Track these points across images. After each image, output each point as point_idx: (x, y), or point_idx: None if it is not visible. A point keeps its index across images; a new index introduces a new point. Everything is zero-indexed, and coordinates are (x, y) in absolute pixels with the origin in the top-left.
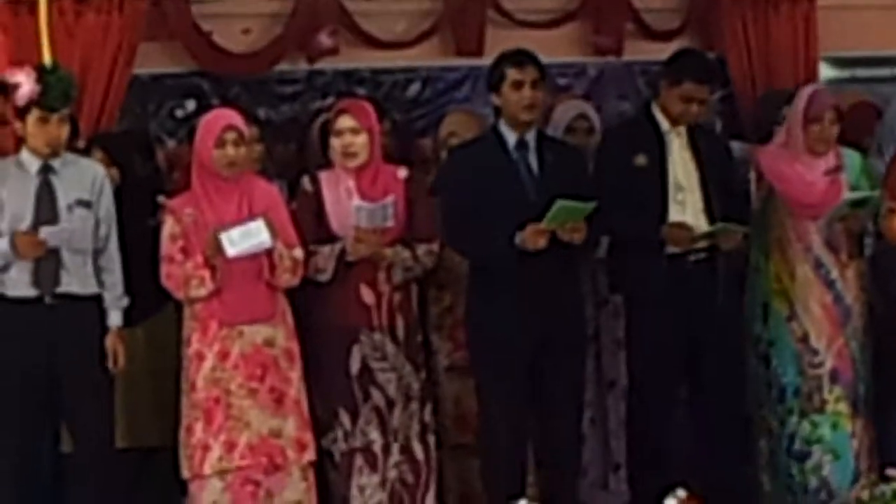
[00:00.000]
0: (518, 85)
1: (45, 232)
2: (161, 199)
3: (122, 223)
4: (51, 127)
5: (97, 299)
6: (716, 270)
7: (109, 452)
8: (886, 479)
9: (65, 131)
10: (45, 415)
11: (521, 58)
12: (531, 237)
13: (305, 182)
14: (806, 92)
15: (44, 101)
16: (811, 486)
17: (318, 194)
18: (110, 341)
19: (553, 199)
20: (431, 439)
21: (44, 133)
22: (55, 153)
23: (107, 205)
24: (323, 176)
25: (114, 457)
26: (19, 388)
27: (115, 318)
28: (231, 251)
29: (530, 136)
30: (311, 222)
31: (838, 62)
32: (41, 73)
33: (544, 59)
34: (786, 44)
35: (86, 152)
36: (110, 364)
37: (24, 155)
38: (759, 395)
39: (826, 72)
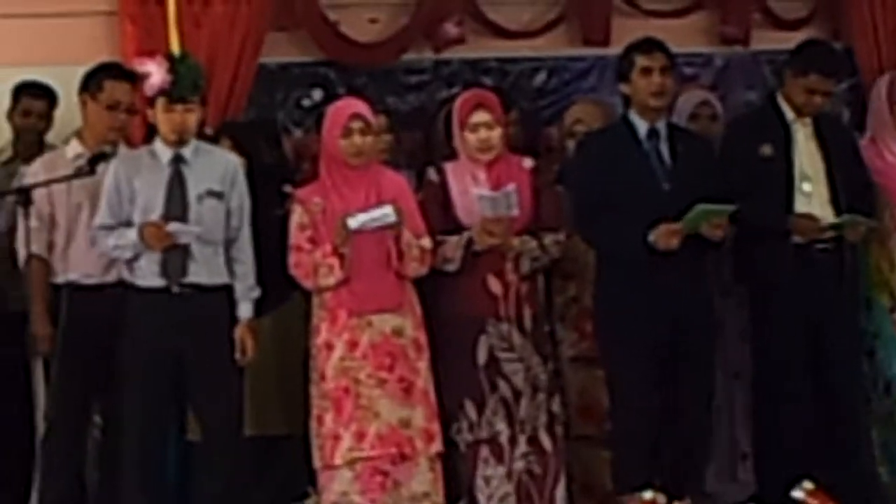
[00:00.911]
0: (647, 71)
1: (172, 227)
2: (288, 188)
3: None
4: (176, 115)
5: (226, 289)
6: (842, 261)
7: (236, 441)
8: None
9: (192, 119)
10: (173, 403)
11: (649, 45)
12: (665, 237)
13: (431, 173)
14: (885, 79)
15: (174, 91)
16: None
17: (444, 185)
18: (240, 332)
19: (689, 191)
20: (559, 430)
21: (170, 121)
22: (183, 141)
23: (239, 195)
24: (449, 167)
25: (241, 445)
26: (147, 376)
27: (245, 310)
28: (353, 223)
29: (661, 126)
30: (437, 212)
31: None
32: (172, 63)
33: (671, 47)
34: None
35: (214, 141)
36: (238, 355)
37: (157, 145)
38: (865, 388)
39: None
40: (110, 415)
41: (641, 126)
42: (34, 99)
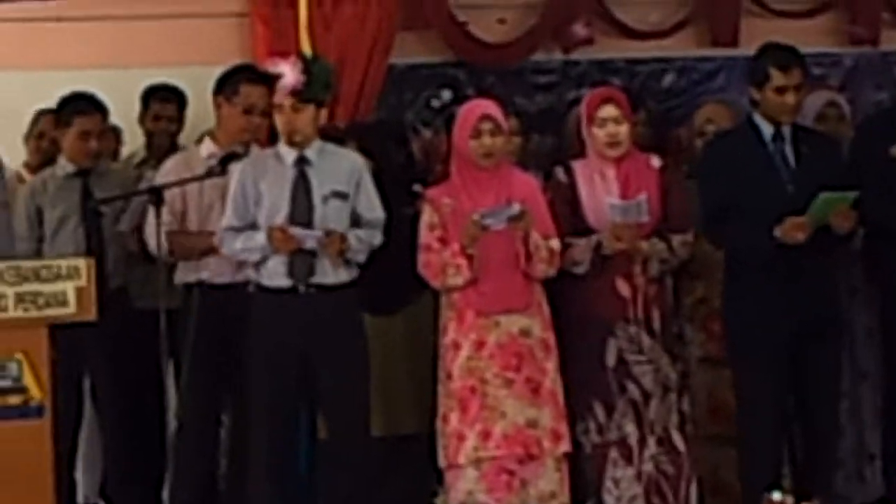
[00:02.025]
0: (782, 90)
1: (296, 231)
2: (417, 187)
3: None
4: (286, 114)
5: (352, 285)
6: None
7: (365, 440)
8: None
9: (307, 121)
10: (301, 402)
11: (787, 61)
12: (791, 231)
13: (559, 173)
14: None
15: (306, 92)
16: None
17: (572, 185)
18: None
19: (814, 193)
20: (690, 429)
21: (285, 121)
22: (293, 142)
23: (368, 196)
24: (577, 165)
25: (369, 444)
26: (274, 375)
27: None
28: (475, 215)
29: (786, 128)
30: (565, 212)
31: None
32: (305, 64)
33: (799, 48)
34: None
35: (341, 142)
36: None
37: (281, 147)
38: None
39: None
40: (239, 413)
41: (766, 128)
42: (164, 103)
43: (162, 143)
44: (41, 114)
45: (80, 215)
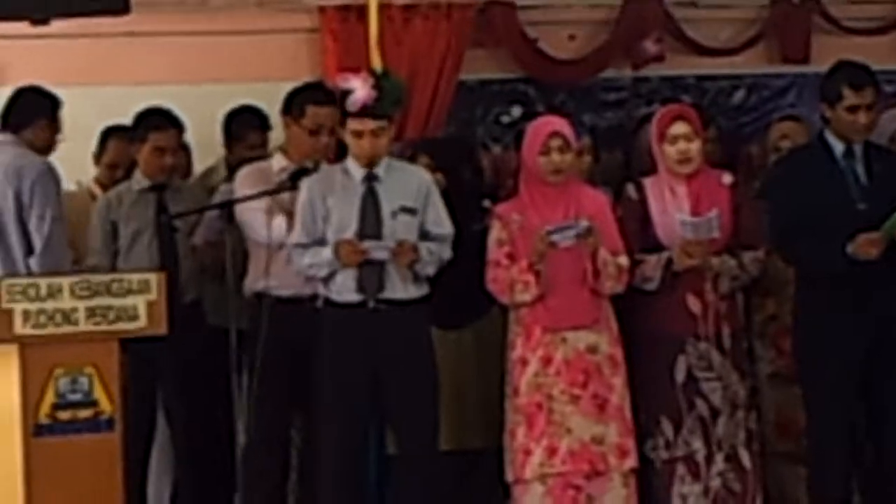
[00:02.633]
0: (854, 109)
1: (367, 244)
2: (487, 203)
3: None
4: (365, 141)
5: (422, 301)
6: None
7: (434, 454)
8: None
9: (381, 144)
10: (370, 417)
11: (859, 79)
12: (864, 247)
13: (630, 189)
14: None
15: (377, 108)
16: None
17: (643, 202)
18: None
19: (887, 211)
20: (757, 447)
21: (360, 146)
22: (374, 164)
23: (436, 211)
24: (648, 182)
25: (438, 459)
26: (344, 390)
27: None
28: (543, 231)
29: (858, 146)
30: (636, 229)
31: None
32: (376, 79)
33: (871, 65)
34: None
35: (411, 158)
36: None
37: (349, 163)
38: None
39: None
40: (309, 428)
41: (838, 146)
42: (250, 130)
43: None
44: (109, 132)
45: (154, 230)
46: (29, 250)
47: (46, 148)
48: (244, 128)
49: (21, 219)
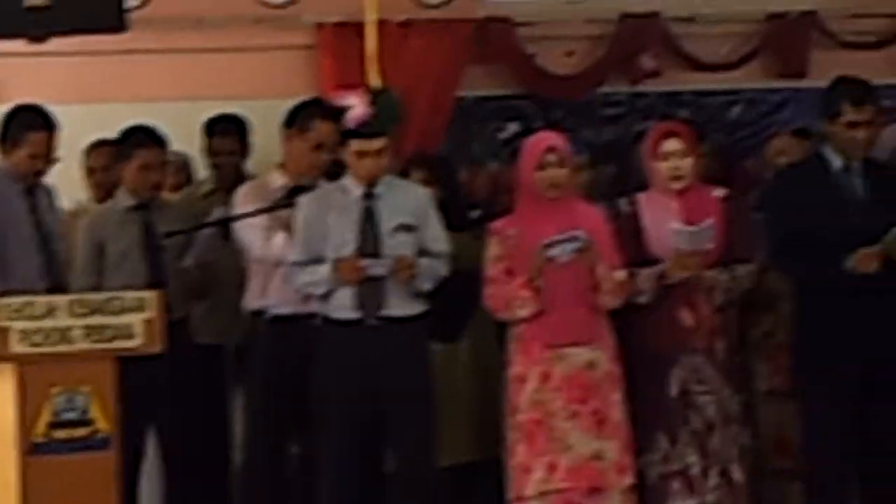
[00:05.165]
0: (853, 125)
1: (366, 262)
2: (474, 214)
3: None
4: (367, 162)
5: (421, 318)
6: None
7: (432, 472)
8: None
9: (382, 164)
10: (368, 435)
11: (859, 95)
12: (863, 261)
13: (623, 204)
14: None
15: (374, 125)
16: None
17: (636, 216)
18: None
19: (886, 226)
20: (749, 462)
21: (362, 167)
22: (374, 184)
23: (434, 229)
24: (641, 197)
25: (436, 476)
26: (343, 408)
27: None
28: (541, 245)
29: (857, 162)
30: (629, 243)
31: None
32: (373, 96)
33: (868, 79)
34: None
35: (404, 173)
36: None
37: (347, 181)
38: None
39: None
40: (308, 447)
41: (836, 161)
42: (223, 136)
43: (228, 174)
44: (93, 146)
45: (142, 248)
46: None
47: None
48: (222, 134)
49: None
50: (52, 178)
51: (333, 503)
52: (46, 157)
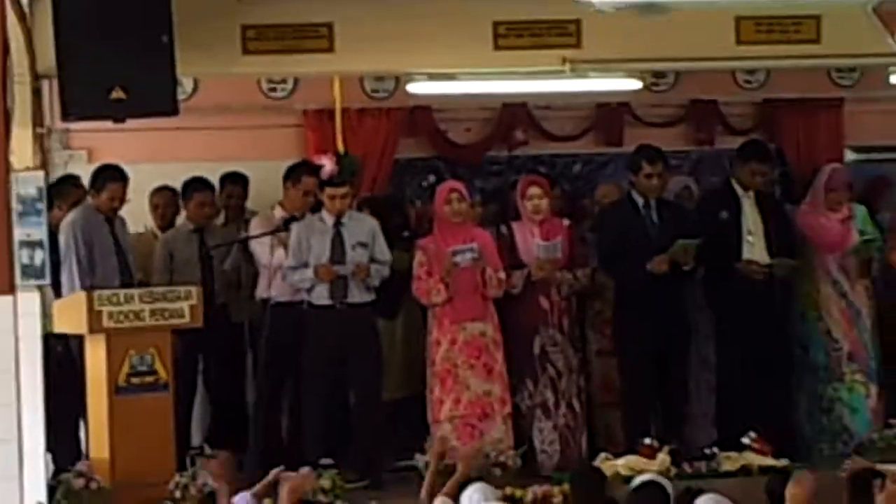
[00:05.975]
0: (649, 176)
1: (336, 267)
2: (406, 234)
3: None
4: (337, 202)
5: (371, 303)
6: (773, 286)
7: (379, 403)
8: (891, 426)
9: (346, 203)
10: (338, 380)
11: (652, 155)
12: (658, 265)
13: (503, 229)
14: (826, 169)
15: (339, 177)
16: (836, 431)
17: (511, 236)
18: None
19: (673, 240)
20: (584, 398)
21: (333, 206)
22: (341, 216)
23: (380, 245)
24: (515, 225)
25: (382, 406)
26: (321, 363)
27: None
28: (449, 254)
29: (653, 201)
30: (507, 254)
31: (858, 149)
32: (338, 158)
33: (663, 147)
34: (821, 136)
35: (360, 209)
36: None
37: (324, 214)
38: (800, 372)
39: (849, 155)
40: (297, 387)
41: (640, 200)
42: (233, 185)
43: (236, 211)
44: (156, 190)
45: (197, 257)
46: None
47: (112, 210)
48: (232, 183)
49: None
50: (125, 211)
51: (313, 424)
52: (121, 199)
